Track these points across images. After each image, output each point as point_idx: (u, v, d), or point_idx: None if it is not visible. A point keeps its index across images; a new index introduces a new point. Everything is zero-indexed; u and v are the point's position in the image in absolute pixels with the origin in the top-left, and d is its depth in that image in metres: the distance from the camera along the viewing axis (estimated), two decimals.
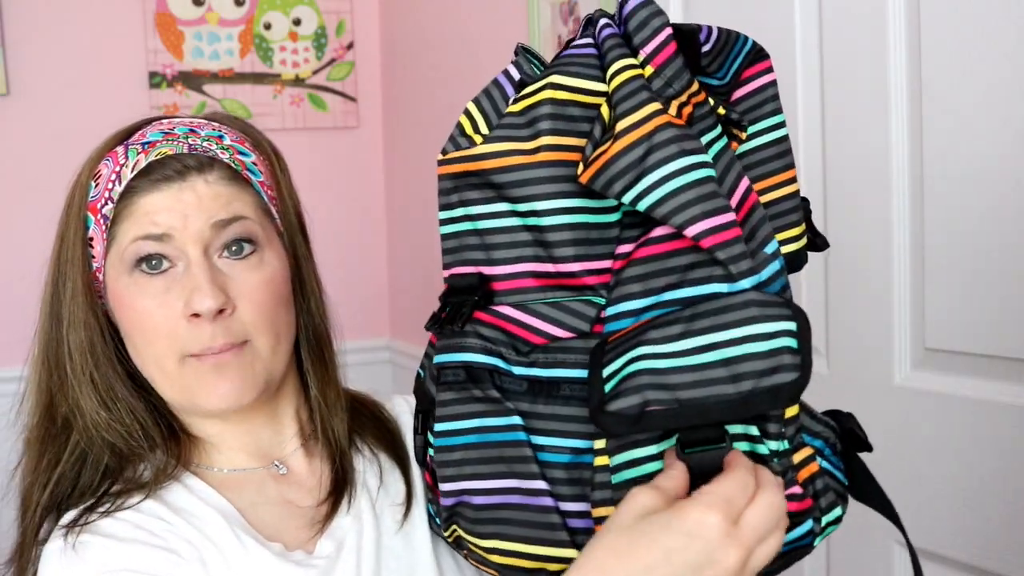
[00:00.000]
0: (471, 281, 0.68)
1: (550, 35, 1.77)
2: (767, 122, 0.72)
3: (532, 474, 0.67)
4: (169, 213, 0.86)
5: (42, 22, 2.43)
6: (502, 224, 0.67)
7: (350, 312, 3.10)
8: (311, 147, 2.67)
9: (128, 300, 0.87)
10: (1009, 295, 0.98)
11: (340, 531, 0.93)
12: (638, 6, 0.65)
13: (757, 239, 0.63)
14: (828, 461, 0.69)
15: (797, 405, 0.64)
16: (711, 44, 0.68)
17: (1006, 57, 0.97)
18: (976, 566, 1.04)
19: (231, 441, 0.94)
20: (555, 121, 0.66)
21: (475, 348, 0.69)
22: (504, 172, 0.66)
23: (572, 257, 0.66)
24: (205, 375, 0.87)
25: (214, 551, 0.86)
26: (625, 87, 0.63)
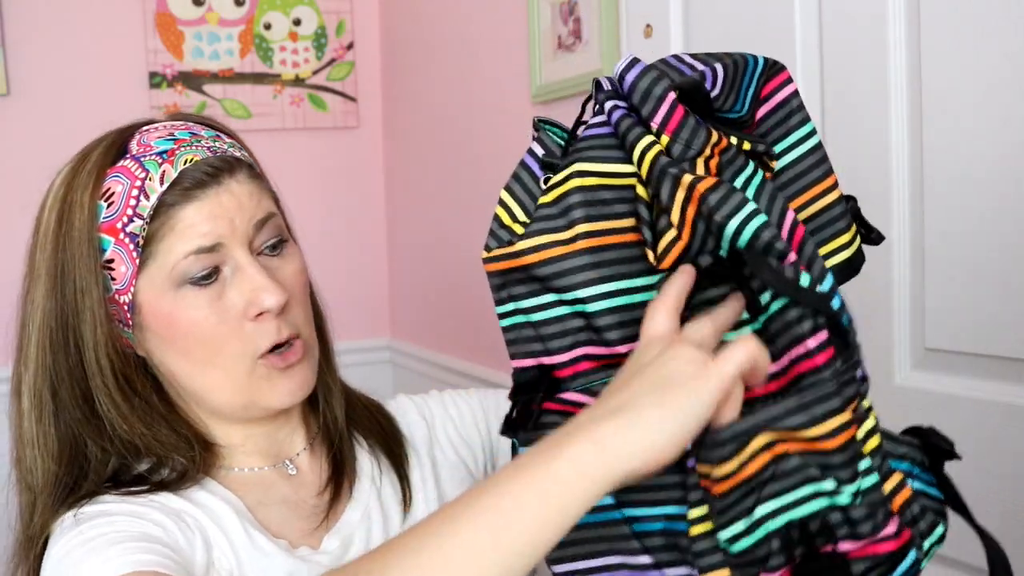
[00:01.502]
0: (532, 375, 0.69)
1: (550, 35, 1.77)
2: (798, 133, 0.72)
3: (634, 549, 0.67)
4: (214, 221, 0.85)
5: (42, 22, 2.43)
6: (553, 314, 0.68)
7: (350, 312, 3.10)
8: (311, 147, 2.67)
9: (179, 314, 0.86)
10: (1009, 295, 0.98)
11: (348, 527, 0.94)
12: (637, 78, 0.65)
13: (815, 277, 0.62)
14: (919, 480, 0.68)
15: (878, 435, 0.64)
16: (719, 87, 0.68)
17: (1006, 57, 0.97)
18: (976, 566, 1.04)
19: (250, 445, 0.95)
20: (588, 208, 0.67)
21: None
22: (545, 265, 0.68)
23: (619, 340, 0.67)
24: (276, 376, 0.88)
25: (222, 537, 0.87)
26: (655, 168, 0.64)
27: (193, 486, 0.90)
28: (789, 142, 0.72)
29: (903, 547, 0.62)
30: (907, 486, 0.65)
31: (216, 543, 0.86)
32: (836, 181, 0.72)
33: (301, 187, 2.64)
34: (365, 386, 1.08)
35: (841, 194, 0.73)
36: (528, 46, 1.85)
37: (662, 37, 1.44)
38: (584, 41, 1.66)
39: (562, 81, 1.72)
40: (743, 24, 1.29)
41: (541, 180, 0.70)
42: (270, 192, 0.92)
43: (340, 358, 1.03)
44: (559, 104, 1.76)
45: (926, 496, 0.68)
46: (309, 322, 0.92)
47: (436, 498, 1.00)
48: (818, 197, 0.72)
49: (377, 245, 2.76)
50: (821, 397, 0.59)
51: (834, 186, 0.72)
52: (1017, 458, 0.99)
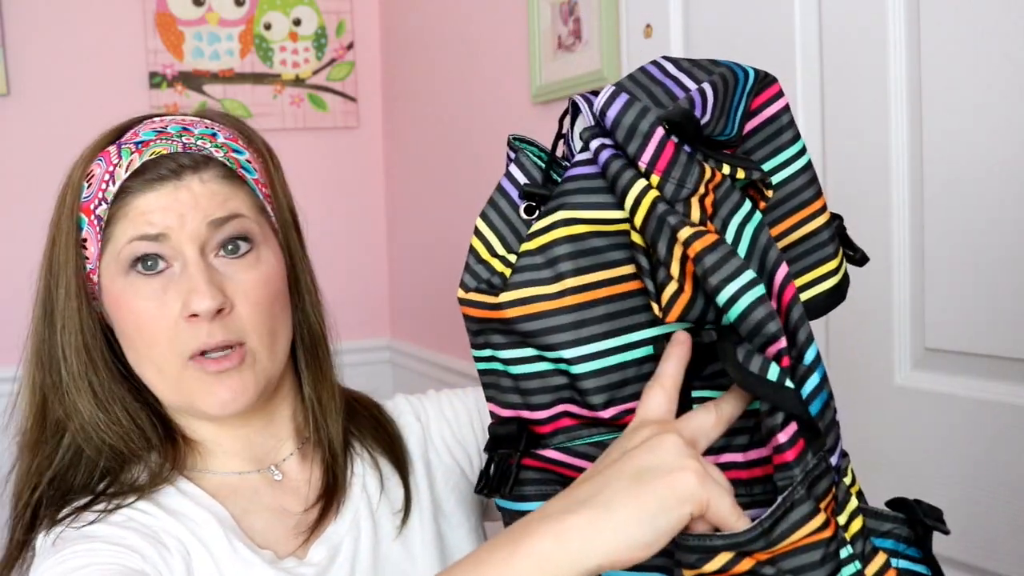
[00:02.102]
0: (511, 429, 0.66)
1: (550, 35, 1.77)
2: (788, 152, 0.69)
3: None
4: (165, 213, 0.85)
5: (42, 22, 2.43)
6: (534, 369, 0.65)
7: (350, 312, 3.11)
8: (311, 147, 2.67)
9: (125, 301, 0.87)
10: (1009, 295, 0.98)
11: (336, 537, 0.92)
12: (620, 114, 0.61)
13: (798, 345, 0.59)
14: (904, 558, 0.65)
15: (861, 516, 0.61)
16: (710, 112, 0.63)
17: (1006, 57, 0.97)
18: (976, 566, 1.04)
19: (226, 445, 0.93)
20: (577, 259, 0.63)
21: (532, 497, 0.67)
22: (529, 320, 0.64)
23: (603, 404, 0.64)
24: (206, 381, 0.86)
25: (203, 552, 0.86)
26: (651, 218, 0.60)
27: (168, 487, 0.89)
28: (778, 160, 0.68)
29: None
30: (892, 568, 0.62)
31: (197, 558, 0.85)
32: (825, 204, 0.69)
33: (301, 187, 2.63)
34: (365, 386, 1.07)
35: (829, 216, 0.69)
36: (528, 46, 1.85)
37: (662, 37, 1.44)
38: (584, 41, 1.66)
39: (562, 81, 1.72)
40: (743, 24, 1.29)
41: (521, 208, 0.66)
42: (249, 197, 0.90)
43: (340, 358, 1.01)
44: (559, 104, 1.76)
45: (912, 574, 0.65)
46: (264, 331, 0.88)
47: (429, 502, 0.98)
48: (806, 220, 0.68)
49: (377, 245, 2.76)
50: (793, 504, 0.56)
51: (823, 209, 0.69)
52: (1017, 458, 0.99)
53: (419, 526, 0.96)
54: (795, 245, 0.69)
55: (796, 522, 0.56)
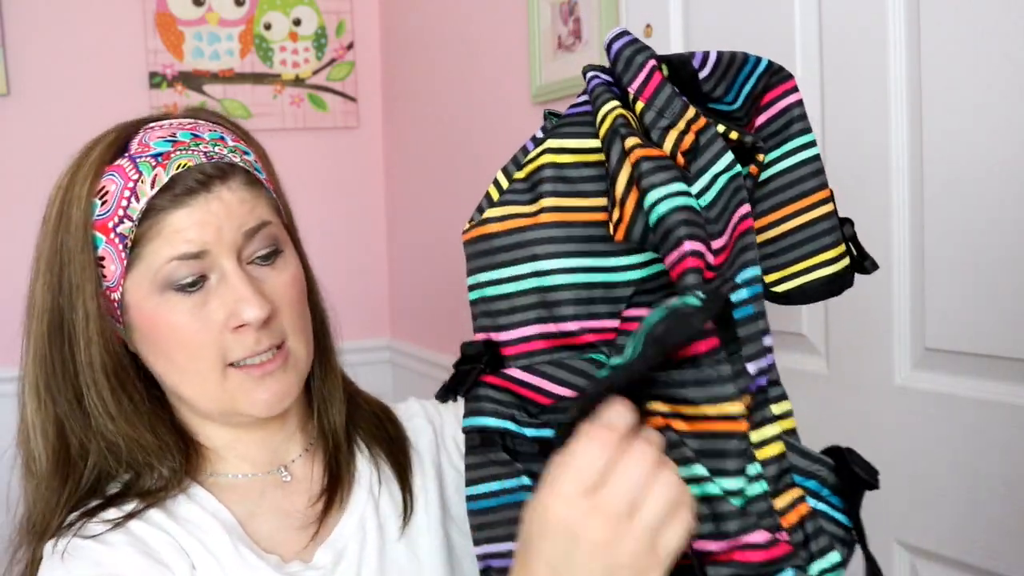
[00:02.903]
0: (478, 348, 0.69)
1: (550, 35, 1.77)
2: (796, 142, 0.70)
3: None
4: (201, 228, 0.84)
5: (42, 22, 2.43)
6: (504, 291, 0.68)
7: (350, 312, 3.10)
8: (311, 147, 2.67)
9: (163, 318, 0.85)
10: (1009, 295, 0.98)
11: (341, 540, 0.92)
12: (623, 47, 0.65)
13: (735, 265, 0.61)
14: (825, 502, 0.65)
15: (780, 444, 0.61)
16: (709, 68, 0.67)
17: (1006, 57, 0.97)
18: (977, 566, 1.04)
19: (241, 449, 0.94)
20: (556, 183, 0.67)
21: (487, 412, 0.69)
22: (507, 235, 0.67)
23: (572, 316, 0.66)
24: (250, 385, 0.87)
25: (211, 561, 0.86)
26: (609, 131, 0.63)
27: (179, 495, 0.89)
28: (785, 149, 0.70)
29: (775, 560, 0.59)
30: (805, 502, 0.62)
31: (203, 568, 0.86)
32: (830, 196, 0.71)
33: (301, 187, 2.63)
34: (364, 386, 1.08)
35: (834, 210, 0.71)
36: (528, 46, 1.85)
37: (662, 37, 1.44)
38: (584, 41, 1.66)
39: (562, 81, 1.72)
40: (743, 24, 1.29)
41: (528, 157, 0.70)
42: (268, 199, 0.91)
43: (340, 358, 1.02)
44: (559, 104, 1.76)
45: (828, 519, 0.65)
46: (300, 330, 0.90)
47: (438, 506, 0.98)
48: (807, 209, 0.70)
49: (377, 245, 2.76)
50: (717, 379, 0.57)
51: (826, 200, 0.70)
52: (1017, 458, 0.99)
53: (426, 529, 0.96)
54: (793, 232, 0.70)
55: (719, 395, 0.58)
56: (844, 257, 0.71)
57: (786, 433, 0.63)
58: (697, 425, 0.59)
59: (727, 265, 0.61)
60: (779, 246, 0.71)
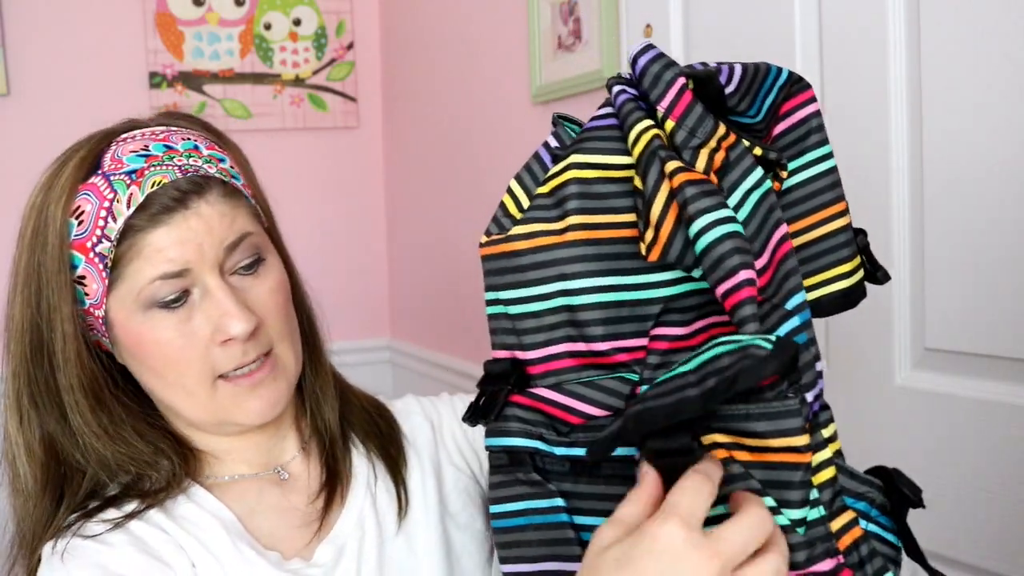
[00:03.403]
0: (504, 367, 0.68)
1: (550, 35, 1.77)
2: (814, 154, 0.70)
3: (574, 556, 0.66)
4: (182, 247, 0.83)
5: (42, 22, 2.43)
6: (530, 309, 0.67)
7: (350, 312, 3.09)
8: (311, 147, 2.67)
9: (148, 335, 0.85)
10: (1009, 295, 0.98)
11: (341, 537, 0.92)
12: (649, 62, 0.64)
13: (782, 292, 0.60)
14: (875, 523, 0.65)
15: (833, 468, 0.61)
16: (735, 84, 0.65)
17: (1006, 57, 0.97)
18: (977, 566, 1.04)
19: (236, 453, 0.94)
20: (583, 200, 0.65)
21: (515, 432, 0.68)
22: (534, 253, 0.66)
23: (601, 336, 0.65)
24: (241, 396, 0.87)
25: (211, 560, 0.86)
26: (646, 152, 0.62)
27: (179, 495, 0.89)
28: (803, 161, 0.70)
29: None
30: (858, 526, 0.62)
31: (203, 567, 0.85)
32: (846, 208, 0.70)
33: (301, 187, 2.64)
34: (365, 386, 1.08)
35: (850, 223, 0.70)
36: (528, 46, 1.85)
37: (662, 37, 1.44)
38: (584, 41, 1.66)
39: (562, 81, 1.72)
40: (743, 24, 1.29)
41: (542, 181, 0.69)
42: (247, 207, 0.89)
43: (340, 358, 1.02)
44: (559, 104, 1.76)
45: (880, 540, 0.65)
46: (287, 336, 0.90)
47: (436, 503, 0.98)
48: (824, 222, 0.69)
49: (377, 245, 2.76)
50: (785, 412, 0.56)
51: (843, 213, 0.70)
52: (1017, 458, 0.99)
53: (424, 526, 0.96)
54: (810, 245, 0.70)
55: (791, 428, 0.56)
56: (859, 270, 0.70)
57: (836, 454, 0.63)
58: (761, 456, 0.58)
59: (772, 288, 0.61)
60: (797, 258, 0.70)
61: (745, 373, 0.54)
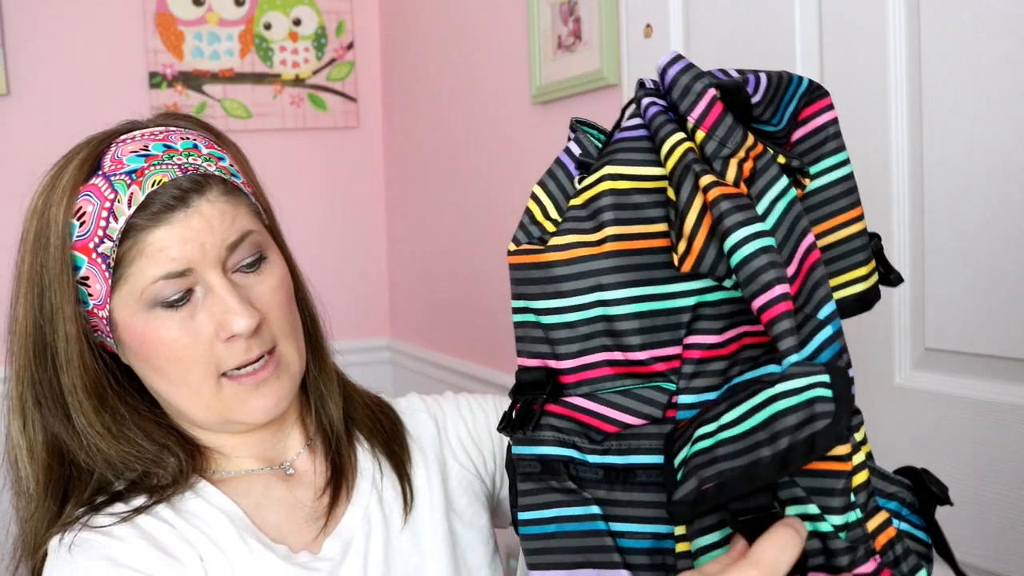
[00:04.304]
0: (538, 376, 0.68)
1: (550, 35, 1.77)
2: (830, 160, 0.71)
3: (613, 563, 0.66)
4: (184, 245, 0.84)
5: (42, 22, 2.43)
6: (566, 319, 0.67)
7: (350, 312, 3.09)
8: (311, 147, 2.67)
9: (152, 334, 0.86)
10: (1009, 295, 0.98)
11: (348, 531, 0.93)
12: (678, 74, 0.64)
13: (813, 301, 0.61)
14: (907, 522, 0.67)
15: (867, 471, 0.62)
16: (761, 94, 0.67)
17: (1006, 56, 0.97)
18: (976, 566, 1.04)
19: (241, 449, 0.94)
20: (618, 211, 0.66)
21: (548, 441, 0.68)
22: (570, 264, 0.67)
23: (639, 346, 0.65)
24: (245, 394, 0.87)
25: (218, 554, 0.86)
26: (680, 165, 0.63)
27: (187, 491, 0.89)
28: (820, 167, 0.71)
29: None
30: (892, 526, 0.63)
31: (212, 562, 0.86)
32: (862, 213, 0.71)
33: (301, 187, 2.64)
34: (366, 386, 1.08)
35: (865, 227, 0.71)
36: (528, 46, 1.85)
37: (662, 37, 1.44)
38: (584, 41, 1.66)
39: (562, 81, 1.72)
40: (743, 24, 1.29)
41: (576, 179, 0.69)
42: (248, 205, 0.90)
43: (340, 358, 1.02)
44: (559, 104, 1.76)
45: (912, 538, 0.66)
46: (290, 334, 0.90)
47: (442, 499, 0.98)
48: (841, 227, 0.70)
49: (377, 245, 2.76)
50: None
51: (859, 218, 0.71)
52: (1017, 458, 0.99)
53: (430, 522, 0.96)
54: (828, 249, 0.71)
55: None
56: (874, 274, 0.71)
57: (868, 456, 0.64)
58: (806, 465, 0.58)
59: (803, 298, 0.61)
60: None
61: (822, 437, 0.55)
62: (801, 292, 0.61)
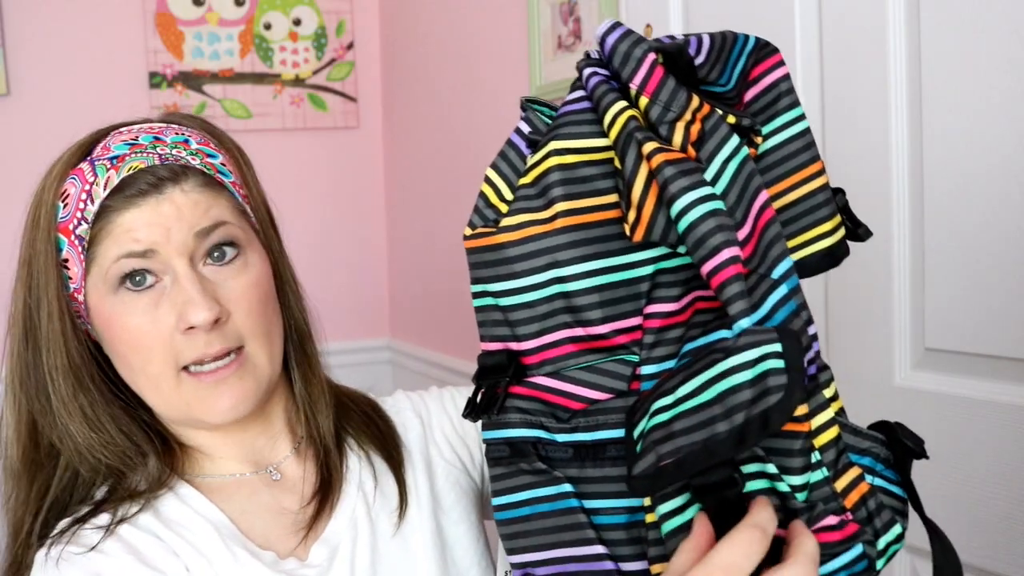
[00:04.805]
0: (500, 359, 0.68)
1: (550, 35, 1.77)
2: (785, 117, 0.70)
3: (588, 539, 0.66)
4: (150, 228, 0.84)
5: (42, 22, 2.43)
6: (524, 299, 0.67)
7: (350, 312, 3.09)
8: (311, 147, 2.67)
9: (116, 319, 0.86)
10: (1009, 295, 0.98)
11: (335, 537, 0.92)
12: (617, 41, 0.64)
13: (767, 261, 0.61)
14: (881, 477, 0.66)
15: (836, 427, 0.61)
16: (704, 54, 0.66)
17: (1006, 56, 0.97)
18: (976, 566, 1.04)
19: (224, 450, 0.93)
20: (567, 186, 0.65)
21: (515, 423, 0.68)
22: (523, 243, 0.66)
23: (601, 319, 0.65)
24: (204, 391, 0.86)
25: (204, 564, 0.85)
26: (622, 134, 0.62)
27: (168, 495, 0.88)
28: (775, 125, 0.70)
29: (845, 540, 0.60)
30: (865, 481, 0.63)
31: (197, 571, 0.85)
32: (823, 168, 0.70)
33: (301, 187, 2.64)
34: (365, 386, 1.07)
35: (827, 182, 0.71)
36: (528, 46, 1.85)
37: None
38: (584, 41, 1.66)
39: (562, 81, 1.72)
40: (743, 24, 1.29)
41: (528, 158, 0.69)
42: (230, 201, 0.90)
43: (340, 358, 1.01)
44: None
45: (886, 493, 0.66)
46: (261, 335, 0.89)
47: (429, 499, 0.98)
48: (801, 183, 0.70)
49: (377, 245, 2.76)
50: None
51: (819, 173, 0.70)
52: (1017, 458, 0.99)
53: (418, 522, 0.96)
54: (790, 207, 0.70)
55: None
56: (840, 228, 0.71)
57: (839, 413, 0.64)
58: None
59: (756, 259, 0.61)
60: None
61: (775, 412, 0.55)
62: (755, 253, 0.61)
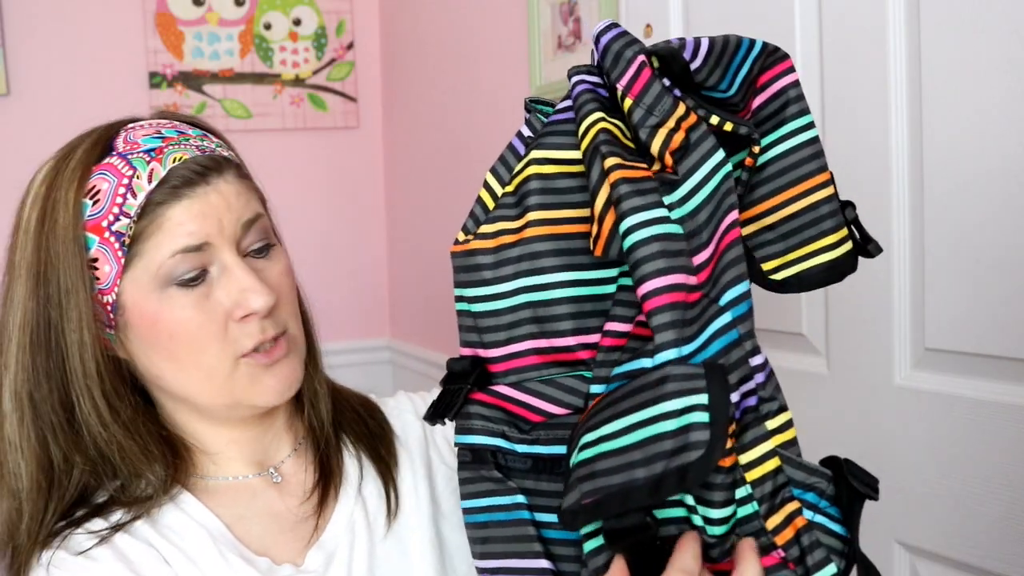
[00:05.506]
0: (465, 365, 0.68)
1: (550, 35, 1.77)
2: (793, 124, 0.68)
3: (535, 553, 0.66)
4: (203, 220, 0.84)
5: (42, 22, 2.43)
6: (492, 307, 0.66)
7: (350, 312, 3.08)
8: (311, 147, 2.67)
9: (165, 315, 0.84)
10: (1009, 295, 0.98)
11: (332, 542, 0.92)
12: (611, 41, 0.63)
13: (718, 286, 0.60)
14: (823, 514, 0.64)
15: (775, 460, 0.60)
16: (702, 58, 0.64)
17: (1006, 56, 0.97)
18: (976, 566, 1.04)
19: (231, 451, 0.93)
20: (544, 196, 0.65)
21: (477, 430, 0.68)
22: (496, 252, 0.66)
23: (571, 331, 0.65)
24: (258, 374, 0.87)
25: (195, 572, 0.85)
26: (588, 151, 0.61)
27: (166, 502, 0.88)
28: (782, 132, 0.68)
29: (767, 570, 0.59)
30: (801, 516, 0.62)
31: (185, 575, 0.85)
32: (830, 179, 0.69)
33: (301, 187, 2.64)
34: (365, 386, 1.07)
35: (834, 193, 0.69)
36: (528, 46, 1.85)
37: (662, 37, 1.44)
38: (584, 41, 1.66)
39: (562, 81, 1.72)
40: (743, 25, 1.29)
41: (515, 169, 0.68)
42: (257, 193, 0.91)
43: (340, 358, 1.02)
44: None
45: (826, 531, 0.64)
46: (297, 319, 0.92)
47: (428, 501, 0.97)
48: (807, 193, 0.68)
49: (377, 245, 2.76)
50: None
51: (826, 183, 0.68)
52: (1017, 458, 0.99)
53: (416, 527, 0.95)
54: (793, 217, 0.69)
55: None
56: (846, 241, 0.69)
57: (784, 445, 0.62)
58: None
59: (710, 283, 0.60)
60: (778, 232, 0.69)
61: (693, 469, 0.54)
62: (711, 277, 0.60)
